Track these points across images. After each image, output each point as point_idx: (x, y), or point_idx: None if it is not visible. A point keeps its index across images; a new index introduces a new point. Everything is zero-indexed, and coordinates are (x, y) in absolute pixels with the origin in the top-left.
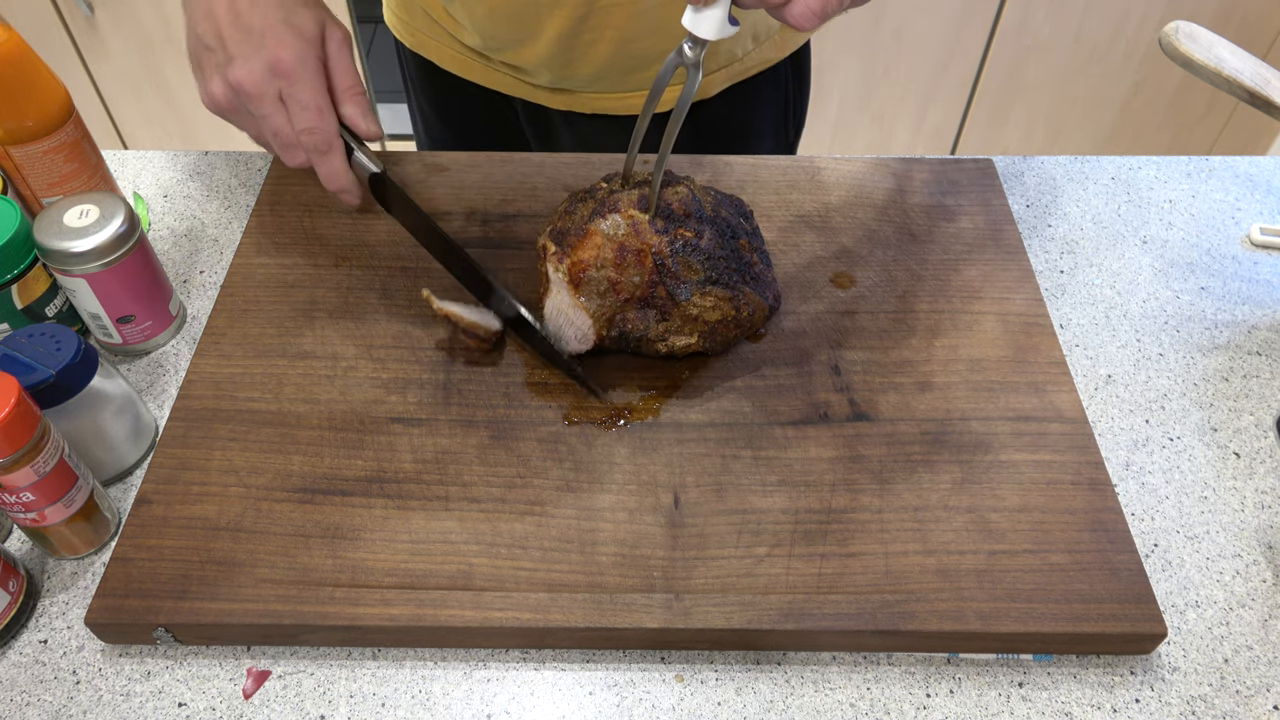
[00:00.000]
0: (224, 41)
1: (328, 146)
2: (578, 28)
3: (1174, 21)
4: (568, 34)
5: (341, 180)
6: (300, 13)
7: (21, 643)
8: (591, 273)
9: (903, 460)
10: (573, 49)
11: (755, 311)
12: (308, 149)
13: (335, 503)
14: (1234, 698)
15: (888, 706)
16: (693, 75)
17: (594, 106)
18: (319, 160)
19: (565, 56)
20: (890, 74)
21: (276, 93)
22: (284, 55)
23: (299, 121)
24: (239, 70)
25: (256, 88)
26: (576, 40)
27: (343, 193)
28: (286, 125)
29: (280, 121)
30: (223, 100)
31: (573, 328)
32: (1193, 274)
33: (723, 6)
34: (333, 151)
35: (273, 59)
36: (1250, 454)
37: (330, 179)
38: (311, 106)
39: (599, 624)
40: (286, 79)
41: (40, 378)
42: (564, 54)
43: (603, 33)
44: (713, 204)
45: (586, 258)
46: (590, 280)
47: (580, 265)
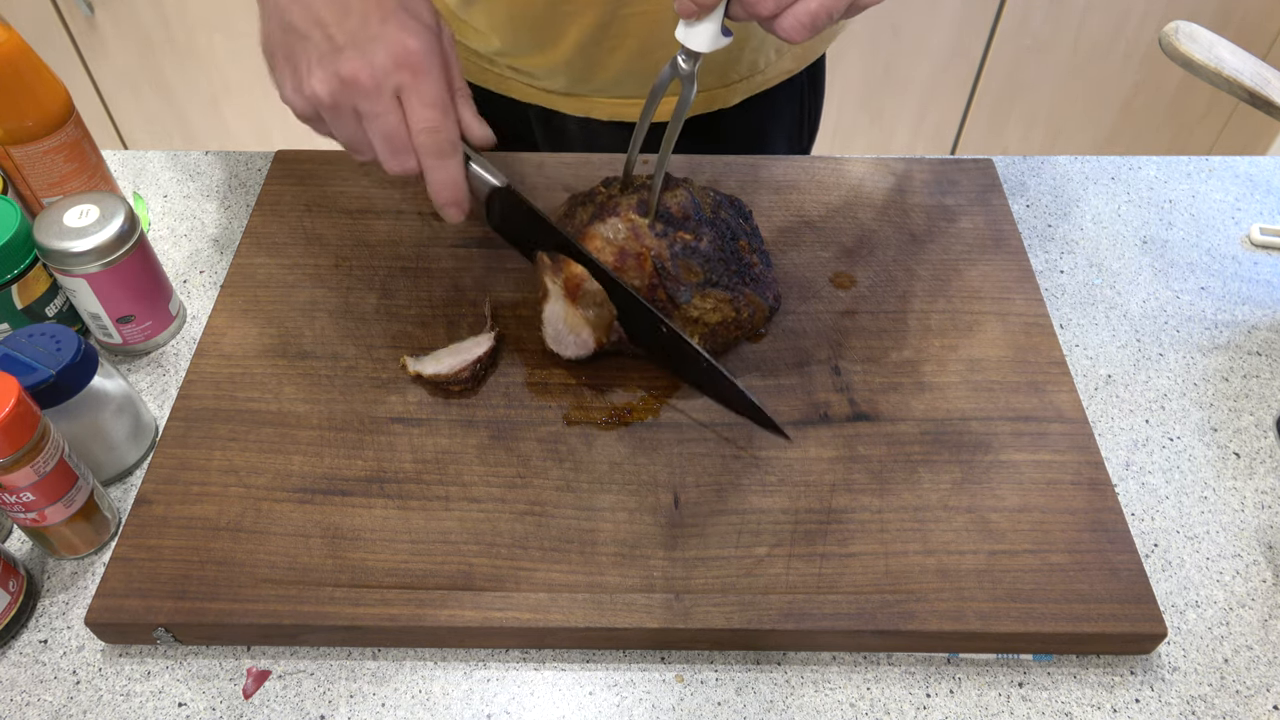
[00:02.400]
0: (328, 29)
1: (452, 149)
2: (599, 35)
3: (1174, 21)
4: (588, 41)
5: (457, 190)
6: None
7: (21, 643)
8: (588, 284)
9: (903, 460)
10: (593, 55)
11: (756, 312)
12: (426, 152)
13: (335, 503)
14: (1234, 698)
15: (888, 706)
16: (687, 87)
17: (610, 113)
18: (436, 165)
19: (584, 63)
20: (890, 74)
21: (395, 88)
22: (412, 45)
23: (420, 120)
24: (353, 61)
25: (374, 81)
26: (597, 47)
27: (453, 206)
28: (401, 125)
29: (394, 121)
30: (325, 96)
31: (573, 335)
32: (1193, 274)
33: (715, 20)
34: (454, 155)
35: (399, 50)
36: (1250, 454)
37: (446, 187)
38: (437, 104)
39: (599, 624)
40: (412, 72)
41: (40, 378)
42: (583, 60)
43: (623, 40)
44: (712, 205)
45: (579, 271)
46: (586, 292)
47: (576, 278)
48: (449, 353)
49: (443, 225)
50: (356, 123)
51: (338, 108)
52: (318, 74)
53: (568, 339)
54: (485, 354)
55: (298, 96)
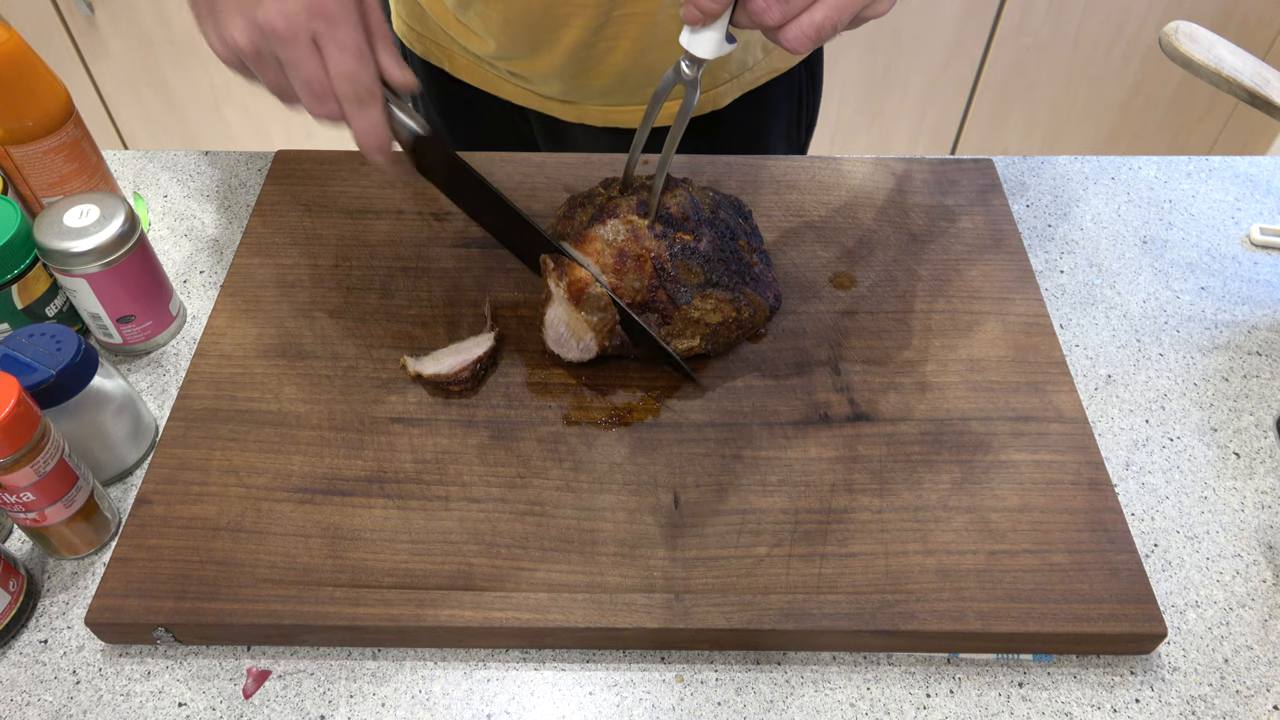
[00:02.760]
0: None
1: (369, 95)
2: (593, 38)
3: (1174, 21)
4: (583, 44)
5: (379, 135)
6: None
7: (21, 643)
8: (592, 289)
9: (903, 460)
10: (587, 59)
11: (756, 312)
12: (345, 98)
13: (335, 503)
14: (1234, 698)
15: (888, 706)
16: (690, 93)
17: (605, 119)
18: (356, 112)
19: (579, 67)
20: (890, 74)
21: (311, 35)
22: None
23: (337, 65)
24: (269, 9)
25: (290, 29)
26: (591, 50)
27: (377, 151)
28: (320, 72)
29: (314, 67)
30: (245, 45)
31: (575, 338)
32: (1193, 274)
33: (719, 27)
34: (374, 101)
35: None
36: (1250, 454)
37: (367, 133)
38: (352, 50)
39: (599, 624)
40: (326, 20)
41: (40, 378)
42: (578, 64)
43: (617, 43)
44: (711, 206)
45: (584, 275)
46: (590, 297)
47: (580, 281)
48: (449, 353)
49: (443, 225)
50: (279, 70)
51: (259, 55)
52: (237, 22)
53: (570, 342)
54: (485, 354)
55: (221, 45)
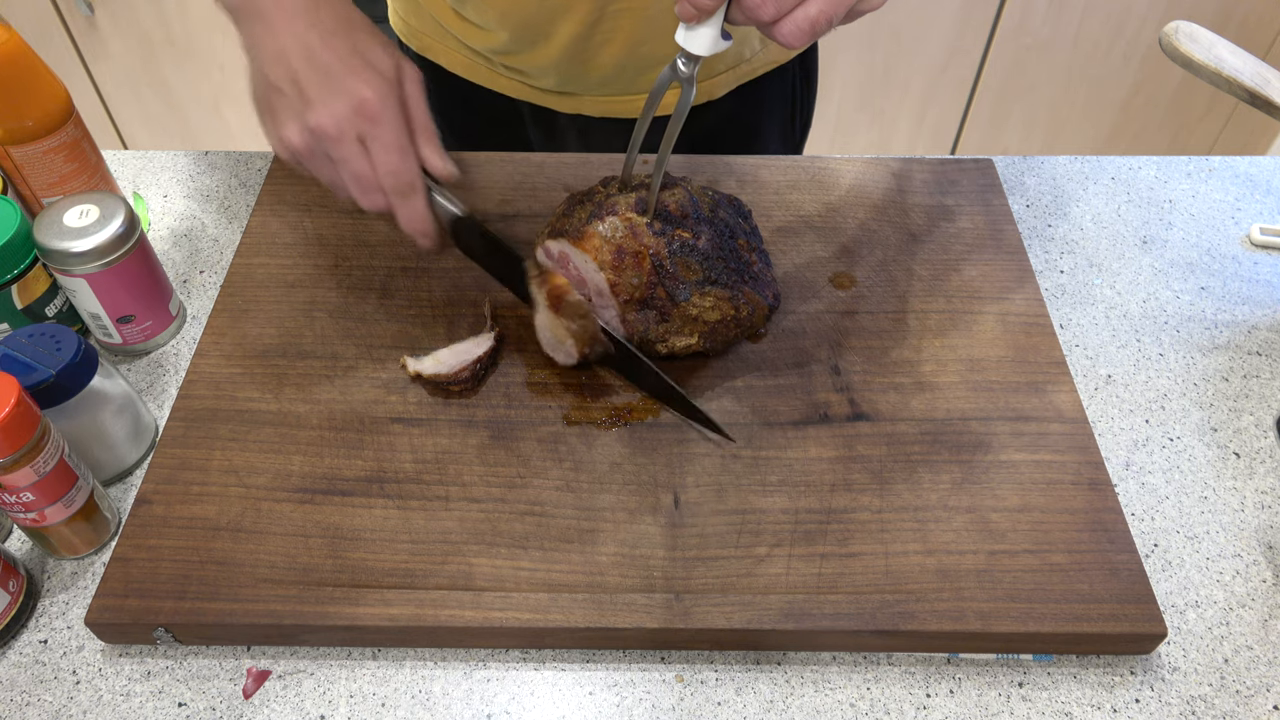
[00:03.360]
0: (300, 85)
1: (411, 189)
2: (589, 31)
3: (1174, 21)
4: (579, 37)
5: (423, 223)
6: (377, 51)
7: (21, 643)
8: (569, 297)
9: (902, 460)
10: (583, 52)
11: (755, 311)
12: (390, 191)
13: (335, 503)
14: (1234, 698)
15: (888, 706)
16: (687, 89)
17: (601, 109)
18: (400, 203)
19: (576, 60)
20: (890, 74)
21: (357, 135)
22: (368, 96)
23: (382, 164)
24: (319, 114)
25: (338, 130)
26: (588, 43)
27: (421, 236)
28: (368, 168)
29: (362, 165)
30: (300, 147)
31: (559, 343)
32: (1193, 274)
33: (714, 24)
34: (416, 193)
35: (356, 100)
36: (1250, 454)
37: (411, 221)
38: (395, 148)
39: (599, 624)
40: (370, 121)
41: (40, 378)
42: (575, 57)
43: (613, 35)
44: (710, 204)
45: (561, 283)
46: (568, 304)
47: (558, 289)
48: (450, 353)
49: None
50: (331, 166)
51: (312, 154)
52: (291, 126)
53: (556, 347)
54: (485, 354)
55: (279, 145)
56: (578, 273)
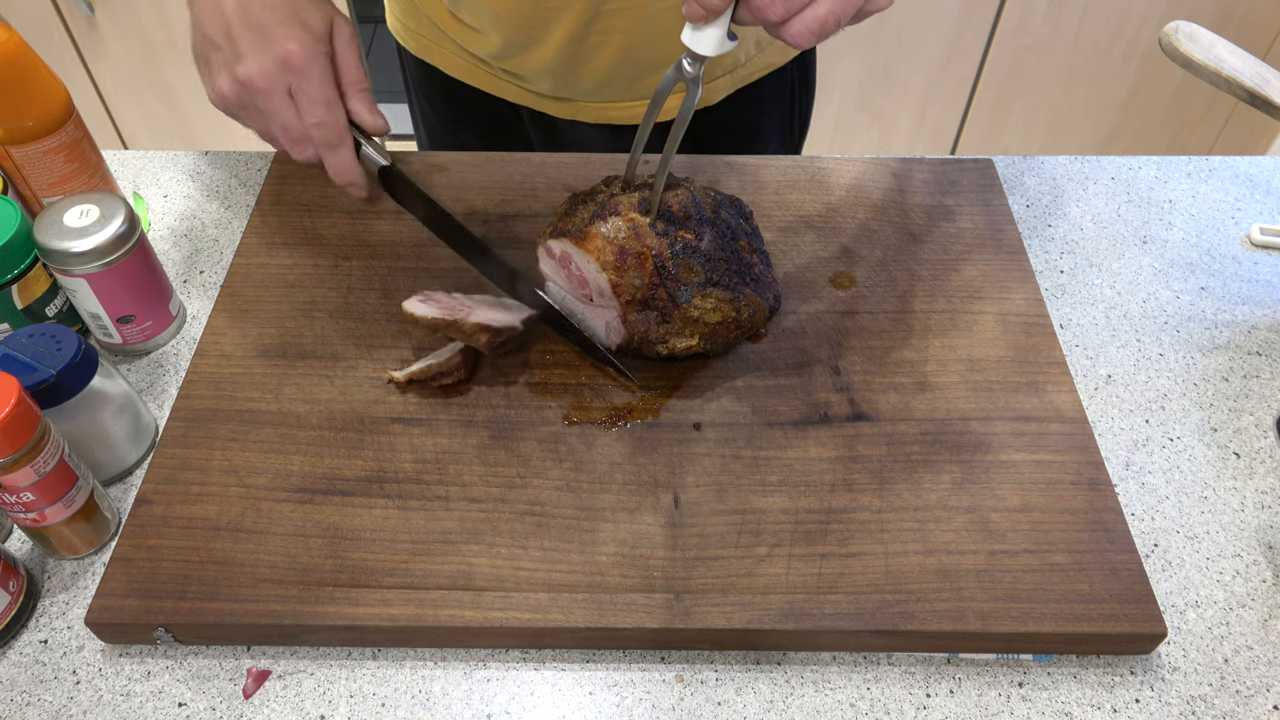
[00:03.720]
0: (233, 39)
1: (337, 140)
2: (583, 32)
3: (1174, 21)
4: (573, 39)
5: (350, 174)
6: (308, 9)
7: (21, 643)
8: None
9: (903, 460)
10: (578, 54)
11: (756, 312)
12: (317, 143)
13: (335, 503)
14: (1234, 698)
15: (888, 706)
16: (692, 90)
17: (598, 116)
18: (328, 154)
19: (570, 63)
20: (890, 74)
21: (286, 88)
22: (293, 50)
23: (308, 116)
24: (248, 66)
25: (266, 83)
26: (582, 45)
27: (351, 186)
28: (295, 120)
29: (289, 117)
30: (231, 97)
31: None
32: (1193, 274)
33: (721, 24)
34: (342, 145)
35: (282, 54)
36: (1250, 454)
37: (339, 173)
38: (321, 101)
39: (599, 624)
40: (296, 74)
41: (40, 378)
42: (569, 60)
43: (608, 37)
44: (712, 205)
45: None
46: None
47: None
48: (430, 357)
49: None
50: (262, 118)
51: (243, 105)
52: (223, 77)
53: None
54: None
55: (215, 97)
56: (579, 273)
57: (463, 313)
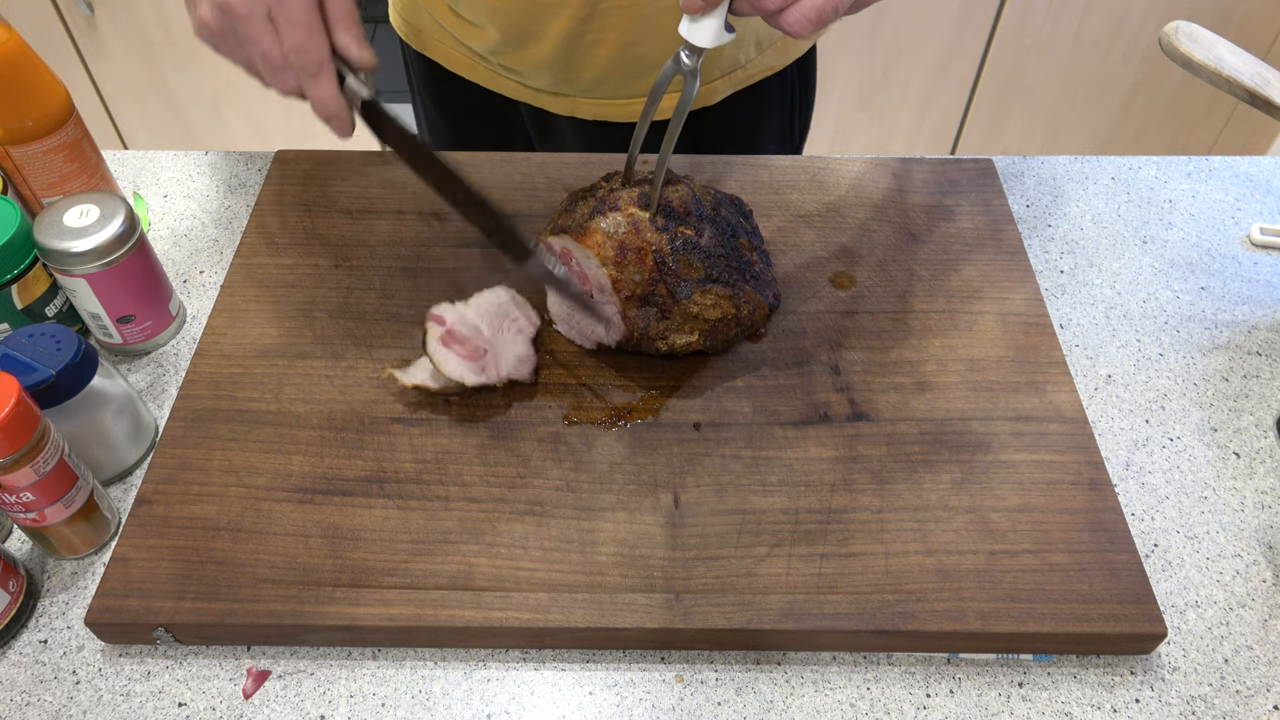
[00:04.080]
0: None
1: (318, 67)
2: (580, 28)
3: (1174, 21)
4: (571, 35)
5: (332, 105)
6: None
7: (21, 643)
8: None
9: (903, 460)
10: (575, 50)
11: (756, 310)
12: (297, 70)
13: (335, 503)
14: (1234, 698)
15: (888, 706)
16: (690, 82)
17: (596, 113)
18: (309, 83)
19: (568, 59)
20: (890, 74)
21: (265, 12)
22: None
23: (288, 40)
24: None
25: (246, 7)
26: (579, 41)
27: (333, 119)
28: (275, 46)
29: (269, 42)
30: (212, 23)
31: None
32: (1193, 274)
33: (718, 15)
34: (323, 73)
35: None
36: (1250, 454)
37: (320, 104)
38: (300, 24)
39: (599, 624)
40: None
41: (40, 378)
42: (566, 55)
43: (605, 34)
44: (712, 203)
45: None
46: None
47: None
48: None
49: (443, 225)
50: (242, 48)
51: (223, 32)
52: (204, 4)
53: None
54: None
55: (197, 25)
56: (580, 268)
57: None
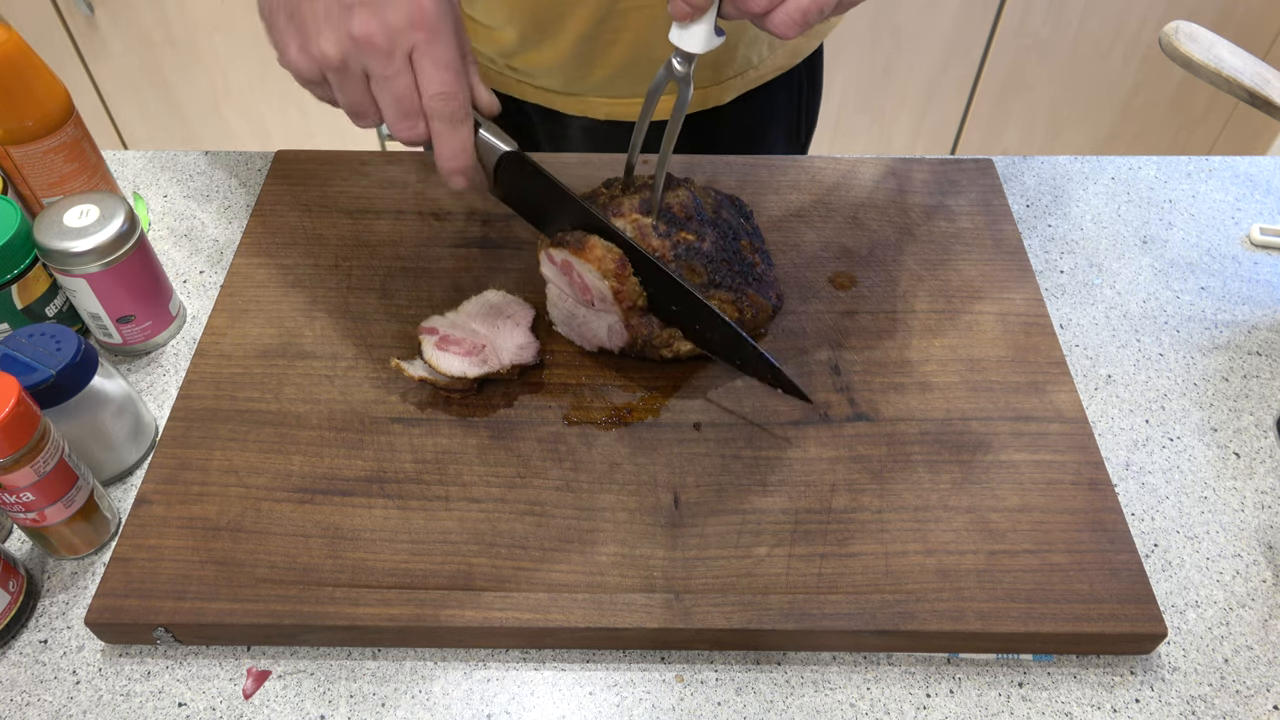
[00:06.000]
0: None
1: (464, 115)
2: (597, 29)
3: (1174, 21)
4: (587, 35)
5: (469, 156)
6: None
7: (21, 643)
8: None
9: (903, 460)
10: (591, 50)
11: (759, 312)
12: (437, 117)
13: (335, 503)
14: (1234, 698)
15: (888, 706)
16: (684, 89)
17: (608, 111)
18: (447, 131)
19: (582, 59)
20: (890, 74)
21: (409, 49)
22: (426, 5)
23: (434, 84)
24: (366, 20)
25: (389, 41)
26: (595, 42)
27: (458, 174)
28: (413, 89)
29: (406, 84)
30: (335, 57)
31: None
32: (1193, 274)
33: (708, 21)
34: (466, 121)
35: (413, 8)
36: (1250, 454)
37: (456, 155)
38: (450, 67)
39: (599, 624)
40: (427, 33)
41: (40, 378)
42: (582, 55)
43: (620, 34)
44: (713, 205)
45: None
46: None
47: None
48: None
49: (443, 225)
50: (365, 86)
51: (346, 69)
52: (327, 33)
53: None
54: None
55: (304, 58)
56: (581, 279)
57: (492, 359)
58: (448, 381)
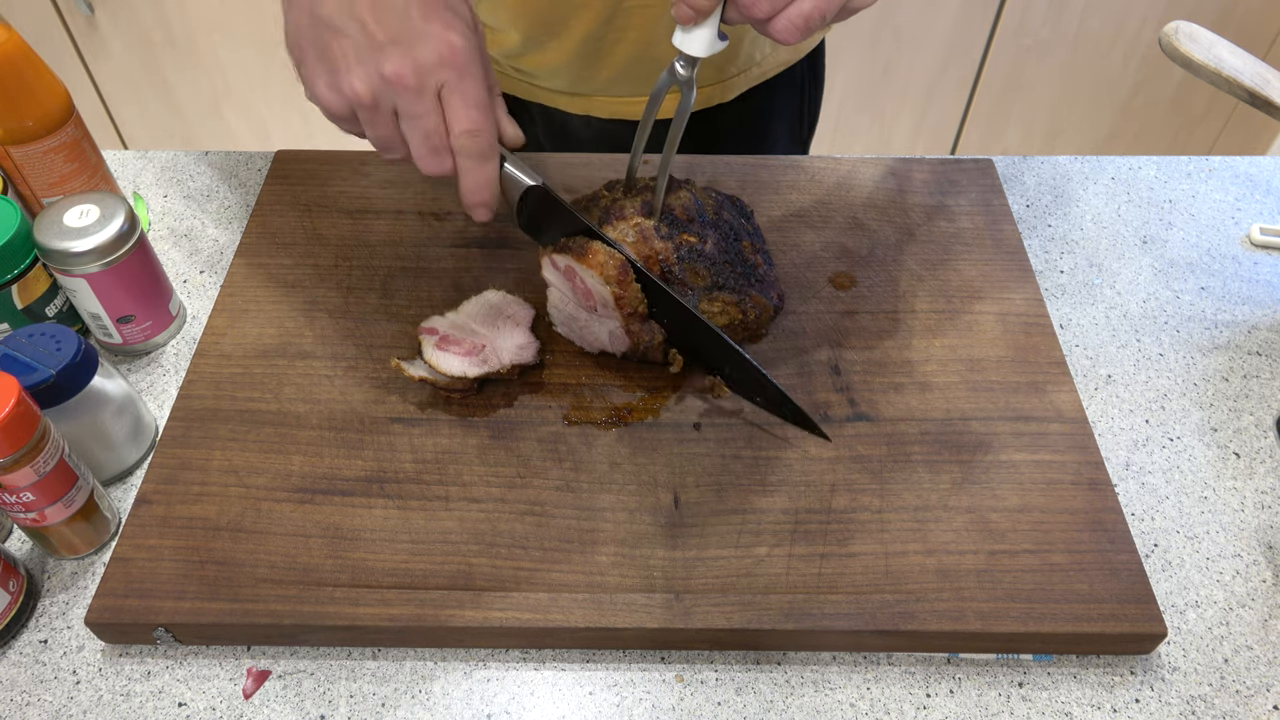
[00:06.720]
0: (366, 25)
1: (491, 151)
2: (602, 30)
3: (1174, 21)
4: (592, 36)
5: (492, 191)
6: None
7: (21, 643)
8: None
9: (903, 460)
10: (596, 50)
11: (761, 313)
12: (465, 153)
13: (335, 503)
14: (1234, 698)
15: (888, 706)
16: (686, 93)
17: (611, 111)
18: (474, 167)
19: (587, 58)
20: (890, 74)
21: (438, 87)
22: (456, 43)
23: (463, 121)
24: (396, 59)
25: (419, 81)
26: (600, 42)
27: (482, 206)
28: (442, 126)
29: (435, 121)
30: (365, 95)
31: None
32: (1193, 274)
33: (711, 25)
34: (493, 157)
35: (444, 47)
36: (1250, 454)
37: (480, 189)
38: (479, 105)
39: (599, 624)
40: (457, 72)
41: (40, 378)
42: (587, 55)
43: (625, 34)
44: (714, 206)
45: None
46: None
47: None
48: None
49: (443, 225)
50: (393, 122)
51: (376, 107)
52: (357, 71)
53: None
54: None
55: (333, 94)
56: (583, 285)
57: (492, 359)
58: (448, 381)
